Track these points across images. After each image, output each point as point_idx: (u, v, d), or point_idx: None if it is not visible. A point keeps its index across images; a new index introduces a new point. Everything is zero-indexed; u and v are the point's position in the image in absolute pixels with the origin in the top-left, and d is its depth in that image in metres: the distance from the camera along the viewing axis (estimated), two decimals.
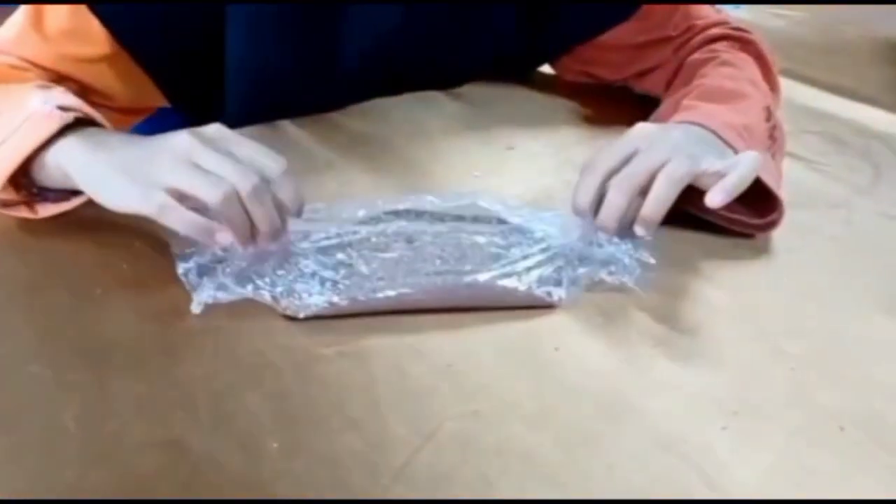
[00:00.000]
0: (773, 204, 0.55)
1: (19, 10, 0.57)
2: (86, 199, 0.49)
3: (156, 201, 0.43)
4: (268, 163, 0.45)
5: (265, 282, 0.46)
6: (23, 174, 0.48)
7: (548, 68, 0.81)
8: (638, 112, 0.70)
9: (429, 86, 0.74)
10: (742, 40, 0.69)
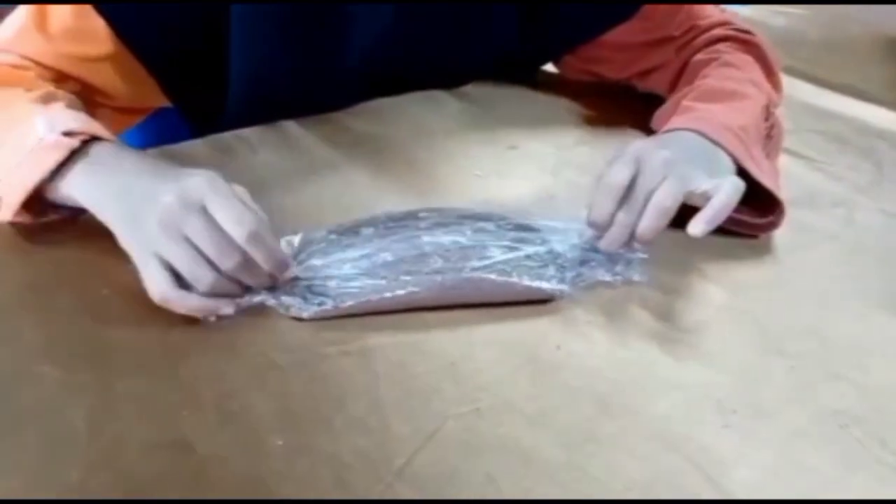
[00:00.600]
0: (773, 204, 0.55)
1: (19, 9, 0.57)
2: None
3: (150, 279, 0.43)
4: (231, 228, 0.43)
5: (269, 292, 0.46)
6: (34, 199, 0.49)
7: (551, 67, 0.81)
8: (640, 113, 0.70)
9: (431, 85, 0.74)
10: (745, 41, 0.69)
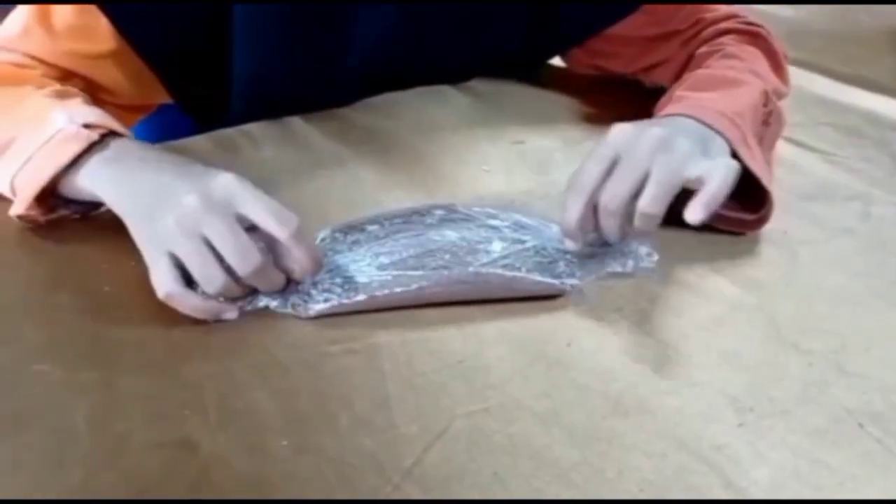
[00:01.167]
0: (762, 199, 0.53)
1: (20, 8, 0.57)
2: (107, 208, 0.49)
3: (158, 275, 0.43)
4: (275, 227, 0.43)
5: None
6: (48, 192, 0.49)
7: (558, 62, 0.80)
8: (647, 107, 0.69)
9: (436, 81, 0.74)
10: (751, 34, 0.68)
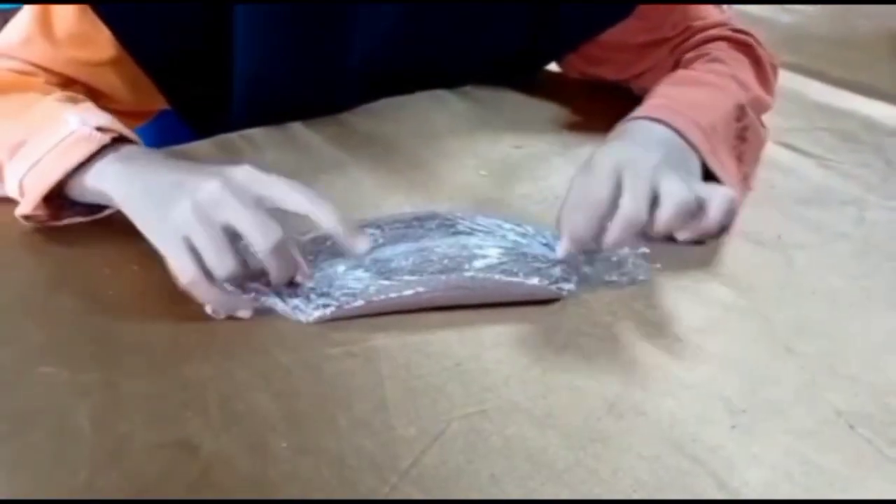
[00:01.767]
0: None
1: (21, 15, 0.58)
2: (112, 211, 0.50)
3: (177, 261, 0.43)
4: (307, 206, 0.44)
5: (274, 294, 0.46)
6: (56, 192, 0.49)
7: (554, 68, 0.81)
8: None
9: (434, 85, 0.74)
10: (740, 42, 0.68)
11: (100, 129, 0.49)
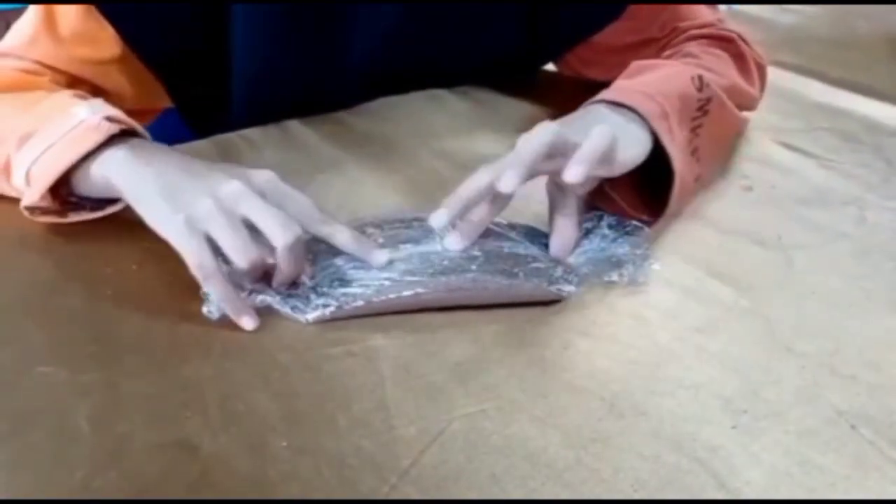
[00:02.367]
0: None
1: (26, 15, 0.58)
2: (118, 207, 0.50)
3: (195, 252, 0.43)
4: (321, 227, 0.46)
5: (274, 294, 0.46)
6: (62, 183, 0.49)
7: (552, 67, 0.81)
8: None
9: (433, 85, 0.74)
10: (721, 38, 0.67)
11: (110, 119, 0.49)
